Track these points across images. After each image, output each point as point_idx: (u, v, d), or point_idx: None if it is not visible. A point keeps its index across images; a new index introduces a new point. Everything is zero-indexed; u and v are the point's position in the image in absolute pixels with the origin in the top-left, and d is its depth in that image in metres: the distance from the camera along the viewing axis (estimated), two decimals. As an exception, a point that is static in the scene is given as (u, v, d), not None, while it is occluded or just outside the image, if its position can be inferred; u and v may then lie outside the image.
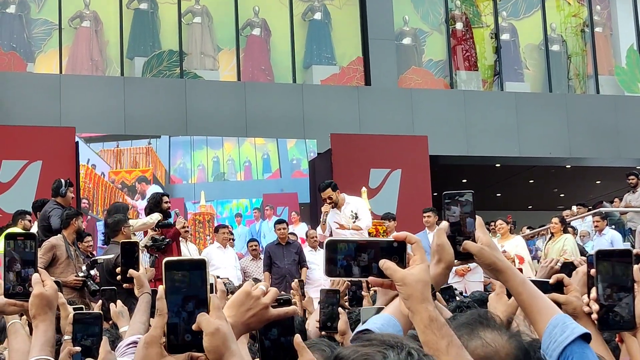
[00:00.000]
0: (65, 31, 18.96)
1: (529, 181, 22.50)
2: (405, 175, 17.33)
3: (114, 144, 16.88)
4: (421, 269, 2.07)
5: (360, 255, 2.12)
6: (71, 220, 8.96)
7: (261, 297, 2.20)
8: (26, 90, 17.54)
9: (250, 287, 2.24)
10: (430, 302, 2.05)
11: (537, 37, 22.20)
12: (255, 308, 2.19)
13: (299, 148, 17.87)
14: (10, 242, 2.75)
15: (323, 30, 20.67)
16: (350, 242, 2.14)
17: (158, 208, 10.81)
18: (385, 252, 2.11)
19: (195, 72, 19.47)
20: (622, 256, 2.34)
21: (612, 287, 2.30)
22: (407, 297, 2.05)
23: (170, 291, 2.02)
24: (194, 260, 2.06)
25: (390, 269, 2.07)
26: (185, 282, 2.02)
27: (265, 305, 2.20)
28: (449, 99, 20.25)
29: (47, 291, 2.66)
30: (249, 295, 2.20)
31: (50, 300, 2.66)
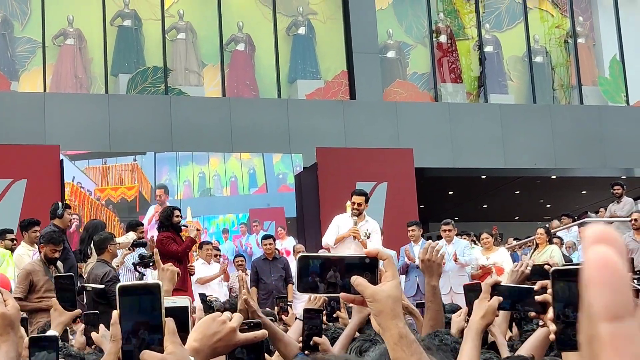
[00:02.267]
0: (49, 49, 18.95)
1: (515, 192, 22.55)
2: (392, 188, 17.34)
3: (99, 161, 16.84)
4: (392, 285, 2.07)
5: (332, 271, 2.11)
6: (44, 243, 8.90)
7: (227, 321, 2.19)
8: (10, 109, 17.50)
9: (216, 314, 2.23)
10: (400, 319, 2.05)
11: (521, 49, 22.30)
12: (222, 332, 2.18)
13: (285, 162, 17.87)
14: None
15: (307, 45, 20.71)
16: (322, 258, 2.14)
17: (169, 221, 10.82)
18: (357, 268, 2.10)
19: (180, 88, 19.47)
20: (578, 275, 2.29)
21: (569, 307, 2.27)
22: (378, 313, 2.05)
23: (124, 317, 2.01)
24: (147, 284, 2.04)
25: (362, 285, 2.07)
26: (138, 308, 2.00)
27: (233, 329, 2.19)
28: (434, 112, 20.30)
29: (9, 311, 2.65)
30: (215, 320, 2.20)
31: (12, 320, 2.65)
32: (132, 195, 16.83)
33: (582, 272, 0.87)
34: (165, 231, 10.92)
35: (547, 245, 12.97)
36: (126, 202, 16.76)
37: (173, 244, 10.72)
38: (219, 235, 16.85)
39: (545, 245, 12.95)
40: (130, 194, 16.84)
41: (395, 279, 2.08)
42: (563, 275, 2.23)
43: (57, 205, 10.73)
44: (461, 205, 22.71)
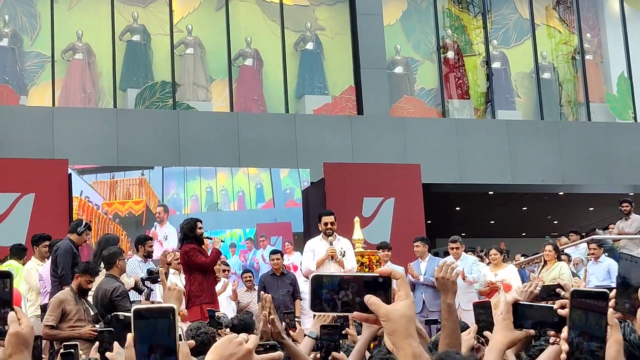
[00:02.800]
0: (58, 63, 19.02)
1: (522, 208, 22.53)
2: (399, 203, 17.32)
3: (107, 175, 16.87)
4: (406, 305, 2.08)
5: (345, 290, 2.11)
6: (75, 274, 8.84)
7: (243, 343, 2.19)
8: (19, 123, 17.55)
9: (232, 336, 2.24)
10: (414, 338, 2.05)
11: (528, 65, 22.32)
12: (238, 353, 2.18)
13: (292, 177, 17.87)
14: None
15: (315, 60, 20.76)
16: (335, 277, 2.14)
17: (193, 233, 10.79)
18: (370, 287, 2.11)
19: (187, 103, 19.52)
20: (598, 299, 2.27)
21: (584, 335, 2.25)
22: (392, 332, 2.05)
23: (139, 340, 2.02)
24: (162, 308, 2.06)
25: (375, 304, 2.07)
26: (153, 331, 2.02)
27: (249, 350, 2.18)
28: (442, 127, 20.31)
29: (23, 330, 2.65)
30: (231, 341, 2.20)
31: (26, 338, 2.65)
32: (140, 210, 16.84)
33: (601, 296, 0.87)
34: (189, 243, 10.91)
35: (555, 262, 12.91)
36: (133, 217, 16.77)
37: (200, 255, 10.69)
38: (227, 249, 16.84)
39: (553, 262, 12.88)
40: (137, 208, 16.85)
41: (408, 298, 2.09)
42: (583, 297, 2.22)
43: (80, 222, 10.73)
44: (468, 221, 22.70)
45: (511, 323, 2.83)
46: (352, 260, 11.01)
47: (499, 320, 2.89)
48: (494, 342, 2.88)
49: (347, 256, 10.95)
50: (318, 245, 11.09)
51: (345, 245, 11.13)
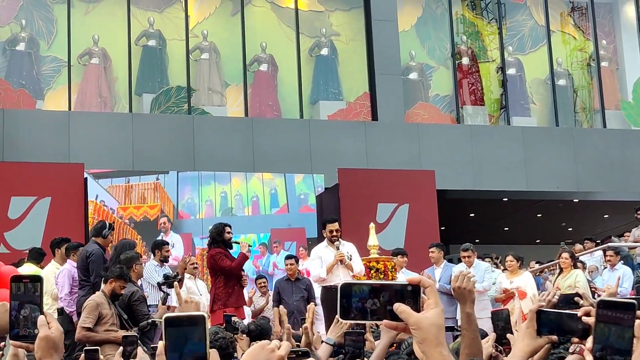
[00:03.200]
0: (74, 68, 19.10)
1: (537, 215, 22.49)
2: (413, 209, 17.31)
3: (122, 179, 16.93)
4: (435, 313, 2.09)
5: (375, 298, 2.13)
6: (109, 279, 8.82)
7: (276, 350, 2.21)
8: (35, 127, 17.63)
9: None
10: (444, 347, 2.06)
11: (543, 72, 22.29)
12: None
13: (307, 183, 17.90)
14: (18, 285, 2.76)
15: (330, 66, 20.78)
16: (365, 285, 2.15)
17: (220, 237, 10.83)
18: (399, 296, 2.12)
19: (203, 108, 19.56)
20: (625, 310, 2.24)
21: (607, 349, 2.23)
22: (422, 341, 2.06)
23: (170, 347, 2.04)
24: (192, 316, 2.09)
25: (405, 313, 2.08)
26: (184, 339, 2.04)
27: (281, 357, 2.20)
28: (456, 134, 20.30)
29: (53, 333, 2.67)
30: (264, 348, 2.21)
31: (55, 342, 2.67)
32: (155, 214, 16.89)
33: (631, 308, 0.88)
34: (216, 247, 10.96)
35: (571, 269, 12.88)
36: (148, 221, 16.83)
37: (226, 259, 10.73)
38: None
39: (569, 269, 12.86)
40: (152, 212, 16.91)
41: (438, 307, 2.10)
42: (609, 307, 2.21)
43: (104, 225, 10.77)
44: (482, 228, 22.67)
45: (534, 331, 2.84)
46: (359, 263, 11.12)
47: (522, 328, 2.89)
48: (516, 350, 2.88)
49: (353, 259, 11.04)
50: (324, 252, 11.18)
51: (351, 249, 11.23)
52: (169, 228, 16.78)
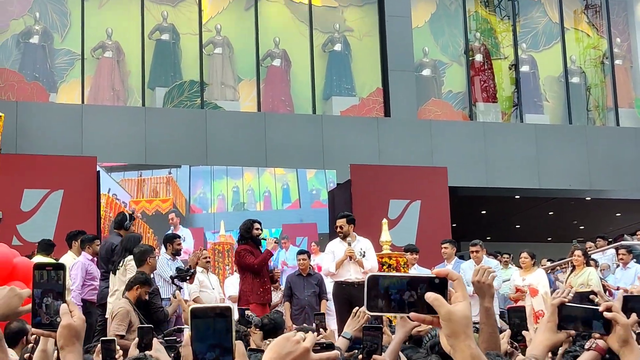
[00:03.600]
0: (88, 61, 19.12)
1: (549, 213, 22.44)
2: (425, 206, 17.30)
3: (135, 173, 16.96)
4: (465, 306, 2.08)
5: (402, 291, 2.13)
6: (134, 287, 8.78)
7: (301, 341, 2.20)
8: (48, 120, 17.67)
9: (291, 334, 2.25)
10: (472, 340, 2.06)
11: (557, 69, 22.23)
12: (296, 352, 2.19)
13: (319, 178, 17.89)
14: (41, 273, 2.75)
15: (343, 62, 20.76)
16: (392, 278, 2.15)
17: (249, 234, 10.87)
18: (427, 289, 2.12)
19: (215, 103, 19.57)
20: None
21: None
22: (451, 333, 2.06)
23: (196, 338, 2.05)
24: (219, 307, 2.10)
25: (439, 301, 2.08)
26: (211, 330, 2.05)
27: (306, 349, 2.19)
28: (469, 131, 20.27)
29: (75, 322, 2.68)
30: (289, 339, 2.21)
31: (78, 331, 2.68)
32: (167, 208, 16.92)
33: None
34: (244, 244, 10.99)
35: (584, 267, 12.85)
36: (160, 215, 16.85)
37: (250, 256, 10.77)
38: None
39: (582, 267, 12.83)
40: (164, 206, 16.93)
41: (466, 300, 2.09)
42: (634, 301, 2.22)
43: (124, 217, 10.82)
44: (494, 225, 22.64)
45: (555, 325, 2.84)
46: (372, 260, 11.10)
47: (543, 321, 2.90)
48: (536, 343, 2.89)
49: (367, 256, 11.03)
50: (337, 247, 11.23)
51: (365, 246, 11.21)
52: (178, 223, 16.80)
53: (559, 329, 2.86)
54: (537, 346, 2.87)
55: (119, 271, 9.92)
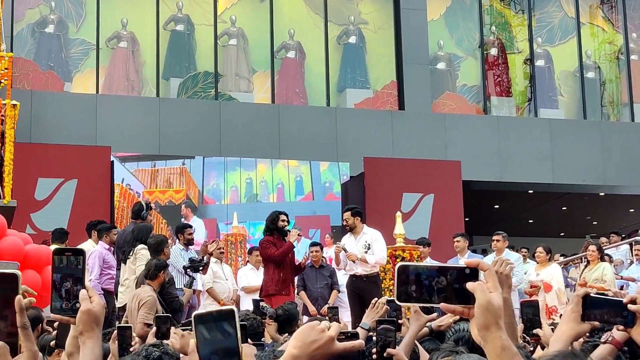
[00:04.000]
0: (103, 51, 19.14)
1: (562, 208, 22.38)
2: (438, 200, 17.30)
3: (148, 163, 17.00)
4: (498, 296, 2.07)
5: (433, 280, 2.11)
6: (159, 273, 8.74)
7: (326, 330, 2.20)
8: (63, 110, 17.70)
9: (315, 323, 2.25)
10: (503, 331, 2.05)
11: (572, 64, 22.14)
12: (320, 340, 2.18)
13: (332, 171, 17.90)
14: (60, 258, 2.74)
15: (358, 54, 20.73)
16: (423, 268, 2.14)
17: (274, 225, 10.88)
18: (457, 279, 2.11)
19: (229, 94, 19.57)
20: None
21: None
22: (484, 324, 2.05)
23: (202, 344, 2.05)
24: (222, 311, 2.09)
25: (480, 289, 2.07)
26: (214, 334, 2.05)
27: (331, 338, 2.18)
28: (483, 125, 20.22)
29: (95, 307, 2.67)
30: (314, 328, 2.20)
31: (97, 316, 2.67)
32: (180, 199, 16.96)
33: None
34: (269, 235, 11.02)
35: (598, 262, 12.82)
36: (173, 205, 16.89)
37: (272, 247, 10.78)
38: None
39: (597, 262, 12.80)
40: (177, 197, 16.97)
41: (497, 290, 2.08)
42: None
43: (141, 207, 10.87)
44: (507, 220, 22.57)
45: (579, 316, 2.84)
46: (378, 253, 11.00)
47: (567, 312, 2.90)
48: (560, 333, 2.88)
49: (373, 249, 10.96)
50: (347, 241, 11.20)
51: (372, 238, 11.13)
52: (189, 213, 16.83)
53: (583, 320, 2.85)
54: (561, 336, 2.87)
55: (129, 260, 9.96)
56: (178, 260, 10.98)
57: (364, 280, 10.93)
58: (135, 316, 8.09)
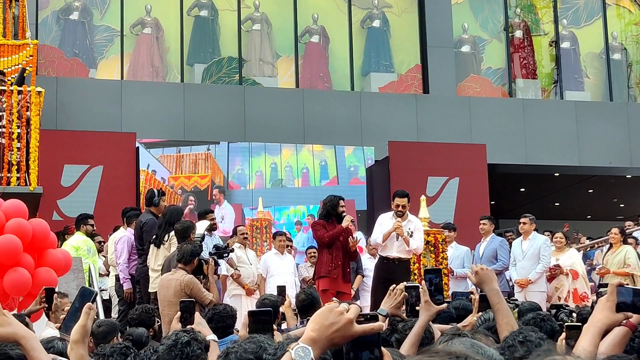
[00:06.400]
0: (127, 38, 19.20)
1: (588, 191, 22.25)
2: (463, 183, 17.28)
3: (173, 149, 17.06)
4: None
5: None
6: (194, 259, 8.72)
7: (344, 313, 2.20)
8: (88, 96, 17.79)
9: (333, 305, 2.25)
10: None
11: (598, 46, 21.97)
12: (339, 323, 2.18)
13: (357, 155, 17.89)
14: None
15: (382, 38, 20.66)
16: None
17: (335, 211, 10.89)
18: None
19: (254, 79, 19.59)
20: None
21: None
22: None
23: None
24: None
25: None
26: None
27: (350, 320, 2.18)
28: (508, 107, 20.12)
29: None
30: (332, 311, 2.20)
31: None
32: (205, 184, 17.02)
33: None
34: (322, 219, 11.05)
35: (621, 245, 12.74)
36: (199, 191, 16.95)
37: (322, 229, 10.79)
38: (292, 226, 16.93)
39: (619, 245, 12.72)
40: (203, 182, 17.03)
41: None
42: None
43: (153, 193, 10.90)
44: (533, 203, 22.47)
45: (614, 305, 2.85)
46: (418, 241, 10.97)
47: (602, 301, 2.91)
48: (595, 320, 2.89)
49: (414, 236, 10.94)
50: (387, 222, 11.08)
51: (415, 226, 11.09)
52: (222, 199, 16.90)
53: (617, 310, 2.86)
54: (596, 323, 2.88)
55: (164, 246, 9.92)
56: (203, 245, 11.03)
57: (396, 264, 10.90)
58: (174, 302, 8.00)
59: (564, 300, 11.70)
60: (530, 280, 11.86)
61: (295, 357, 2.14)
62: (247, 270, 12.15)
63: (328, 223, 10.86)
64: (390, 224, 10.96)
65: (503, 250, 12.46)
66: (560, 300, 11.66)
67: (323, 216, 11.08)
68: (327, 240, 10.76)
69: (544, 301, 11.37)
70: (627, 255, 12.49)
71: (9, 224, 7.94)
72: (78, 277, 9.79)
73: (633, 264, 12.42)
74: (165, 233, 9.88)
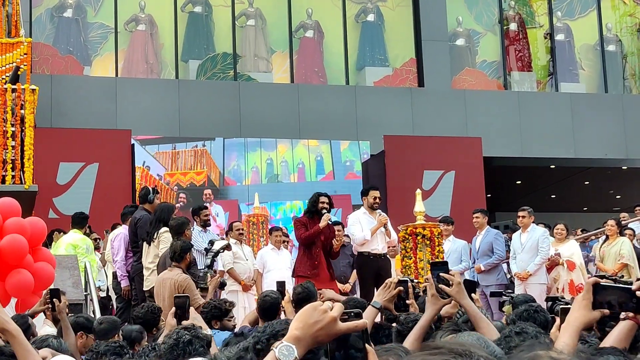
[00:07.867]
0: (121, 34, 19.17)
1: (584, 183, 22.26)
2: (459, 176, 17.28)
3: (169, 146, 17.05)
4: None
5: None
6: (186, 255, 8.71)
7: (328, 310, 2.19)
8: (83, 93, 17.77)
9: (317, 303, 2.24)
10: None
11: (593, 37, 21.96)
12: (323, 321, 2.17)
13: (352, 150, 17.88)
14: None
15: (376, 32, 20.64)
16: None
17: (315, 207, 10.84)
18: None
19: (248, 75, 19.57)
20: None
21: None
22: None
23: None
24: None
25: None
26: None
27: (334, 318, 2.18)
28: (503, 100, 20.11)
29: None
30: (316, 309, 2.19)
31: None
32: (201, 181, 17.00)
33: None
34: (305, 215, 10.98)
35: (617, 237, 12.75)
36: (195, 187, 16.94)
37: (302, 228, 10.72)
38: (288, 221, 16.92)
39: (615, 237, 12.73)
40: (199, 179, 17.02)
41: None
42: None
43: (147, 191, 10.91)
44: (529, 195, 22.48)
45: (590, 303, 2.83)
46: (393, 232, 11.41)
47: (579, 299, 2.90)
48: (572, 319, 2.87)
49: (387, 227, 11.25)
50: (364, 218, 11.29)
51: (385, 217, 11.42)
52: (212, 199, 16.89)
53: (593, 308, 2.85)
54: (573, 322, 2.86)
55: (154, 243, 9.96)
56: (198, 241, 11.03)
57: (383, 258, 11.08)
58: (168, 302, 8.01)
59: (560, 292, 11.73)
60: (530, 273, 11.89)
61: (279, 356, 2.13)
62: (243, 266, 12.15)
63: (310, 220, 10.80)
64: (366, 219, 11.11)
65: (498, 243, 12.49)
66: (558, 292, 11.69)
67: (307, 212, 11.05)
68: (303, 241, 10.71)
69: (544, 293, 11.40)
70: (622, 247, 12.50)
71: (8, 222, 7.91)
72: (74, 275, 9.76)
73: (627, 255, 12.43)
74: (155, 230, 9.89)
